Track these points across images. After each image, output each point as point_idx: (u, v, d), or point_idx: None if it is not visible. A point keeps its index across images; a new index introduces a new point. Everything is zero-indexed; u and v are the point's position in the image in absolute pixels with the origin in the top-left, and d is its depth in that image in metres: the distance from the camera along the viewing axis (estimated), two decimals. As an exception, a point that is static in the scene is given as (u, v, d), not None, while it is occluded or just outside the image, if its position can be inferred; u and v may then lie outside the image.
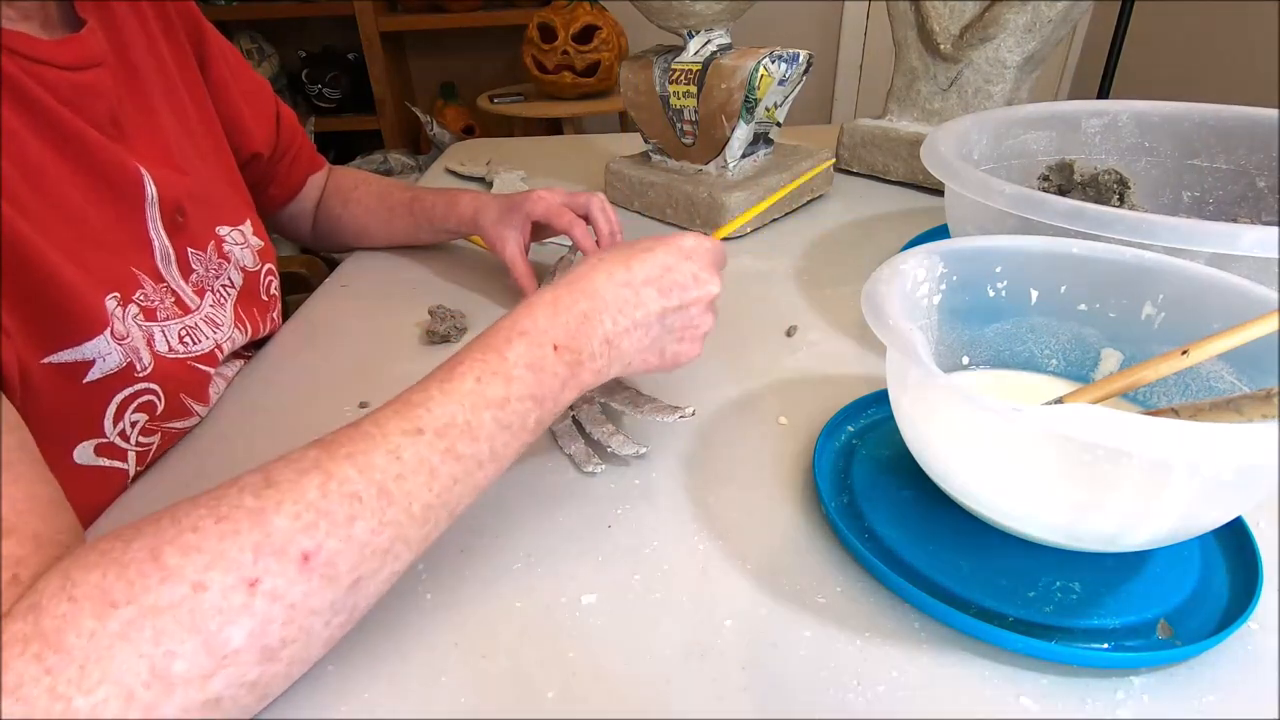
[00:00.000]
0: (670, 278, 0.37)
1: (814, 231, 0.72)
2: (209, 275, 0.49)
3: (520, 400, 0.32)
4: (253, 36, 2.11)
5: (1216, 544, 0.33)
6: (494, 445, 0.31)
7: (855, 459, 0.39)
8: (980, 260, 0.39)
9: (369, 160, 1.94)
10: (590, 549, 0.35)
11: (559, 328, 0.34)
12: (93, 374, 0.38)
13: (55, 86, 0.39)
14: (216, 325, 0.48)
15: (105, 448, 0.39)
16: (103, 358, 0.38)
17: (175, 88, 0.51)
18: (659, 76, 0.70)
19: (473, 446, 0.30)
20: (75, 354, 0.37)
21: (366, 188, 0.71)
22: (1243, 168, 0.57)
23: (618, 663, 0.30)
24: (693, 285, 0.37)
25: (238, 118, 0.57)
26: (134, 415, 0.40)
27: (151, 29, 0.49)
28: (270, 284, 0.57)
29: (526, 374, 0.32)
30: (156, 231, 0.44)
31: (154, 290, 0.43)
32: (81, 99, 0.40)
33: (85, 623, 0.22)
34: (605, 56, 1.85)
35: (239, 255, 0.52)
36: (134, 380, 0.40)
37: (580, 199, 0.59)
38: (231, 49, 0.59)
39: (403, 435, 0.29)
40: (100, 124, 0.42)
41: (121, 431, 0.40)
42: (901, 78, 0.82)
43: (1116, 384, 0.32)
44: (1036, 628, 0.29)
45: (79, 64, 0.40)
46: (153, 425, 0.42)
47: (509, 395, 0.31)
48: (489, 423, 0.31)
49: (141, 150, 0.44)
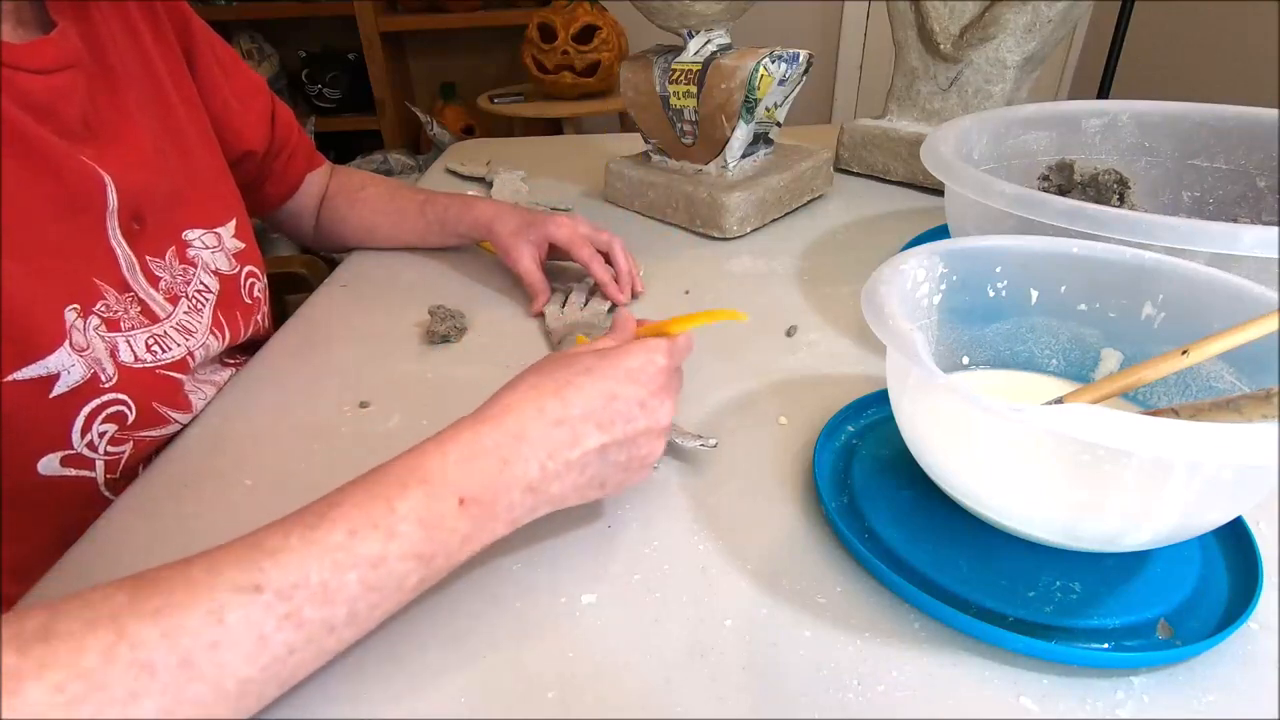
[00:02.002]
0: (613, 408, 0.32)
1: (814, 231, 0.72)
2: (178, 282, 0.48)
3: (401, 559, 0.27)
4: (253, 36, 2.11)
5: (1216, 544, 0.33)
6: (355, 608, 0.26)
7: (855, 459, 0.39)
8: (980, 260, 0.39)
9: (369, 160, 1.94)
10: (590, 549, 0.35)
11: (473, 476, 0.29)
12: (59, 388, 0.38)
13: (24, 91, 0.38)
14: (189, 332, 0.48)
15: (72, 459, 0.39)
16: (66, 370, 0.38)
17: (160, 85, 0.50)
18: (659, 76, 0.70)
19: (324, 610, 0.25)
20: (39, 369, 0.37)
21: (375, 188, 0.71)
22: (1243, 168, 0.57)
23: (618, 663, 0.30)
24: (639, 415, 0.33)
25: (228, 115, 0.57)
26: (102, 426, 0.40)
27: (137, 26, 0.49)
28: (253, 286, 0.56)
29: (416, 530, 0.27)
30: (117, 241, 0.44)
31: (118, 300, 0.43)
32: (51, 103, 0.40)
33: None
34: (605, 56, 1.85)
35: (208, 259, 0.52)
36: (100, 391, 0.40)
37: (603, 237, 0.59)
38: (224, 46, 0.59)
39: (233, 592, 0.24)
40: (69, 128, 0.41)
41: (89, 442, 0.40)
42: (901, 78, 0.82)
43: (1116, 384, 0.32)
44: (1036, 628, 0.29)
45: (50, 67, 0.40)
46: (123, 435, 0.42)
47: (387, 553, 0.27)
48: (353, 584, 0.26)
49: (110, 153, 0.44)
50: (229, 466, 0.43)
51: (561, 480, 0.31)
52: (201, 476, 0.42)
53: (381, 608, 0.27)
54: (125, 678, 0.21)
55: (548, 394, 0.32)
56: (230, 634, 0.23)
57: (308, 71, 2.10)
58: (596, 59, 1.85)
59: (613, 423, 0.32)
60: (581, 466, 0.32)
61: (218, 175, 0.56)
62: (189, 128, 0.53)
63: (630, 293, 0.59)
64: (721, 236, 0.70)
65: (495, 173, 0.89)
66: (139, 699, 0.21)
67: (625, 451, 0.33)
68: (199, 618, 0.23)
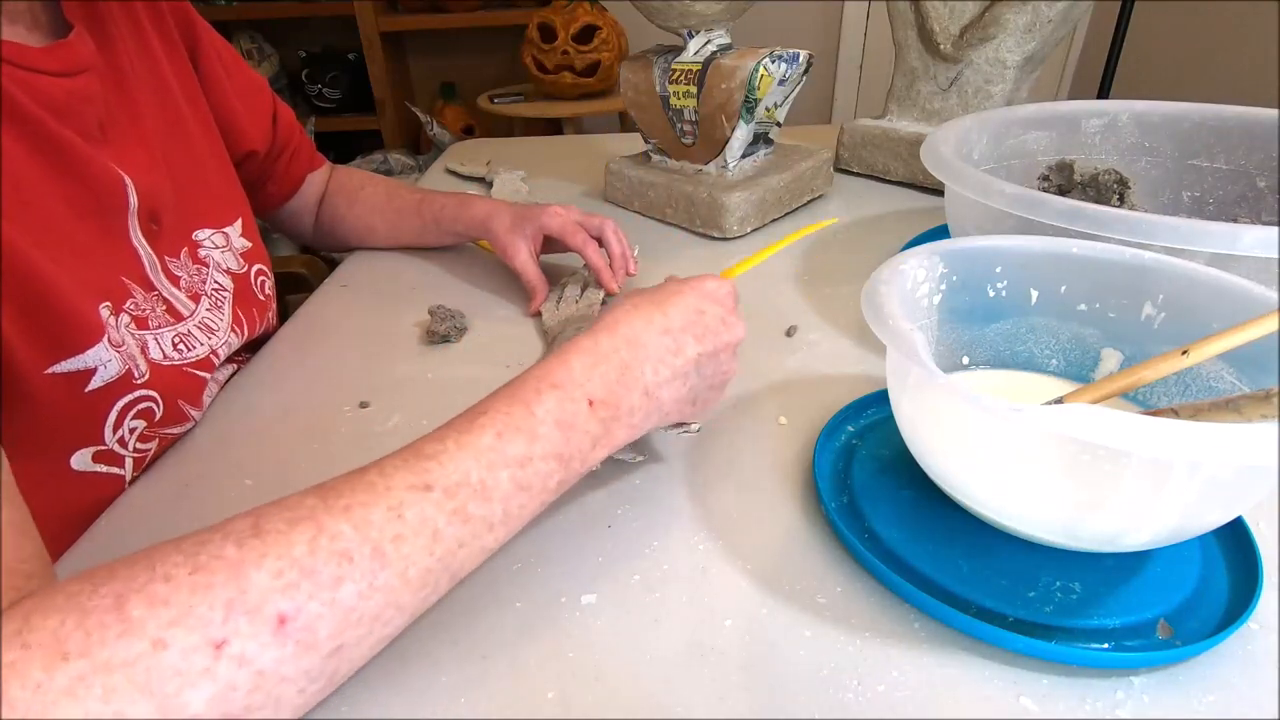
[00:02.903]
0: (704, 322, 0.35)
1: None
2: (196, 281, 0.49)
3: (544, 459, 0.29)
4: (253, 36, 2.11)
5: (1216, 544, 0.33)
6: (508, 507, 0.29)
7: (855, 459, 0.39)
8: (980, 260, 0.39)
9: (369, 160, 1.94)
10: (590, 549, 0.35)
11: (596, 380, 0.31)
12: (95, 382, 0.38)
13: (45, 95, 0.38)
14: (211, 330, 0.48)
15: (103, 454, 0.39)
16: (104, 365, 0.38)
17: (167, 86, 0.50)
18: (659, 76, 0.70)
19: (484, 508, 0.28)
20: (78, 363, 0.37)
21: (374, 187, 0.71)
22: (1243, 168, 0.57)
23: (618, 663, 0.30)
24: (723, 330, 0.36)
25: (232, 115, 0.57)
26: (133, 422, 0.40)
27: (143, 27, 0.49)
28: (263, 283, 0.57)
29: (554, 431, 0.30)
30: (139, 241, 0.44)
31: (145, 299, 0.43)
32: (71, 106, 0.40)
33: (34, 674, 0.20)
34: (605, 56, 1.85)
35: (218, 259, 0.52)
36: (133, 387, 0.40)
37: (595, 221, 0.59)
38: (227, 46, 0.59)
39: (408, 490, 0.26)
40: (88, 131, 0.41)
41: (120, 438, 0.40)
42: (901, 78, 0.82)
43: (1116, 384, 0.32)
44: (1036, 628, 0.29)
45: (68, 70, 0.40)
46: (150, 432, 0.42)
47: (531, 454, 0.29)
48: (505, 482, 0.28)
49: (126, 155, 0.44)
50: (230, 466, 0.43)
51: (669, 387, 0.34)
52: (202, 476, 0.42)
53: (529, 508, 0.30)
54: (329, 565, 0.24)
55: (653, 307, 0.35)
56: (409, 527, 0.26)
57: (308, 71, 2.10)
58: (596, 59, 1.85)
59: (705, 335, 0.35)
60: (684, 376, 0.35)
61: (224, 175, 0.56)
62: (195, 128, 0.53)
63: (624, 277, 0.59)
64: (721, 236, 0.70)
65: (495, 173, 0.89)
66: (341, 583, 0.24)
67: (712, 365, 0.36)
68: (382, 513, 0.26)
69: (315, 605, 0.24)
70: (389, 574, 0.25)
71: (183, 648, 0.22)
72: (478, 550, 0.28)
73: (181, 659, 0.21)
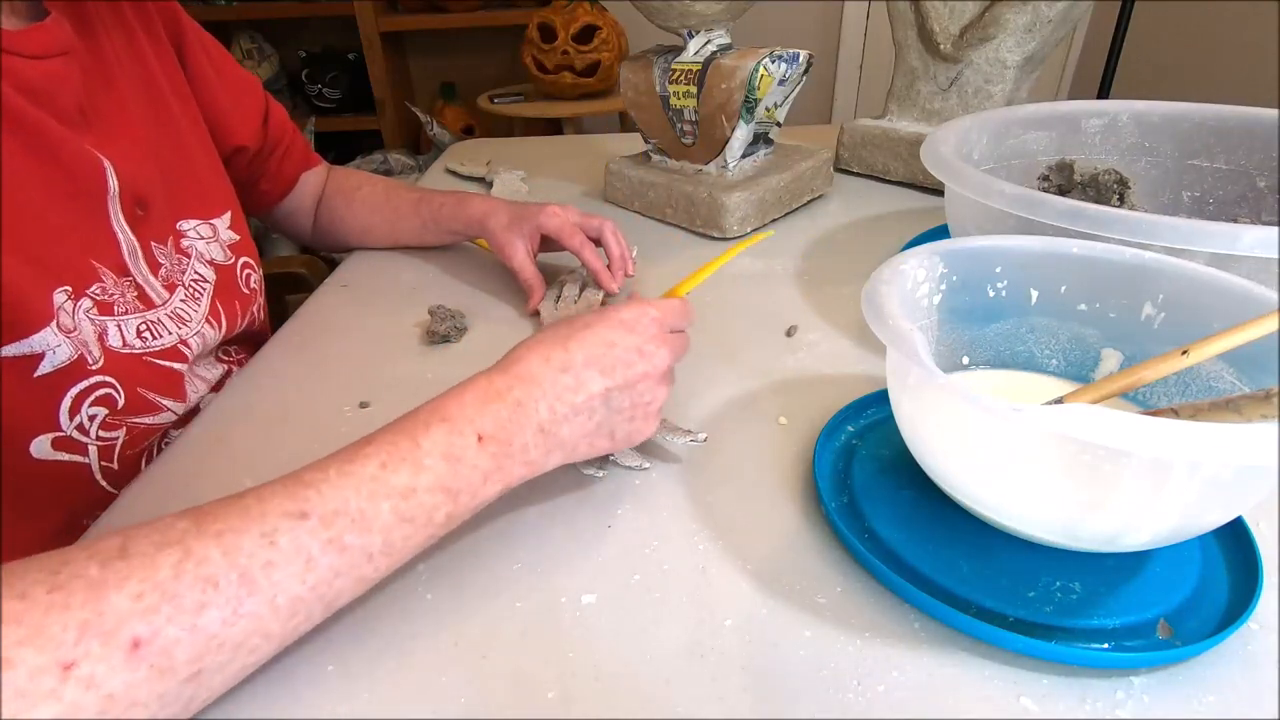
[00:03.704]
0: (613, 355, 0.35)
1: (814, 231, 0.72)
2: (175, 270, 0.49)
3: (429, 491, 0.29)
4: (253, 36, 2.11)
5: (1216, 544, 0.33)
6: (390, 538, 0.29)
7: (855, 459, 0.39)
8: (980, 260, 0.39)
9: (369, 160, 1.94)
10: (590, 549, 0.35)
11: (488, 417, 0.31)
12: (44, 367, 0.38)
13: (20, 76, 0.39)
14: (183, 321, 0.48)
15: (63, 442, 0.39)
16: (52, 350, 0.38)
17: (155, 81, 0.51)
18: (659, 76, 0.70)
19: (363, 538, 0.28)
20: (23, 346, 0.37)
21: (372, 187, 0.71)
22: (1243, 168, 0.57)
23: (618, 663, 0.30)
24: (638, 360, 0.35)
25: (219, 110, 0.58)
26: (91, 409, 0.40)
27: (129, 22, 0.50)
28: (249, 278, 0.57)
29: (441, 464, 0.30)
30: (120, 226, 0.44)
31: (115, 284, 0.43)
32: (46, 88, 0.40)
33: None
34: (605, 56, 1.85)
35: (203, 249, 0.52)
36: (88, 374, 0.40)
37: (593, 221, 0.59)
38: (216, 45, 0.60)
39: (282, 517, 0.26)
40: (65, 114, 0.42)
41: (80, 425, 0.40)
42: (901, 78, 0.82)
43: (1116, 384, 0.32)
44: (1036, 628, 0.29)
45: (44, 52, 0.40)
46: (115, 420, 0.42)
47: (416, 485, 0.29)
48: (387, 514, 0.28)
49: (108, 140, 0.44)
50: (229, 466, 0.43)
51: (570, 424, 0.34)
52: (202, 476, 0.42)
53: (414, 539, 0.30)
54: (193, 590, 0.24)
55: (553, 346, 0.35)
56: (281, 554, 0.26)
57: (308, 71, 2.10)
58: (596, 59, 1.85)
59: (614, 368, 0.35)
60: (589, 411, 0.34)
61: (211, 168, 0.56)
62: (182, 120, 0.53)
63: (623, 278, 0.59)
64: (721, 236, 0.70)
65: (495, 173, 0.89)
66: (205, 608, 0.24)
67: (628, 397, 0.35)
68: (254, 539, 0.26)
69: (174, 629, 0.23)
70: (256, 601, 0.25)
71: (30, 668, 0.21)
72: (355, 580, 0.28)
73: (28, 679, 0.21)
